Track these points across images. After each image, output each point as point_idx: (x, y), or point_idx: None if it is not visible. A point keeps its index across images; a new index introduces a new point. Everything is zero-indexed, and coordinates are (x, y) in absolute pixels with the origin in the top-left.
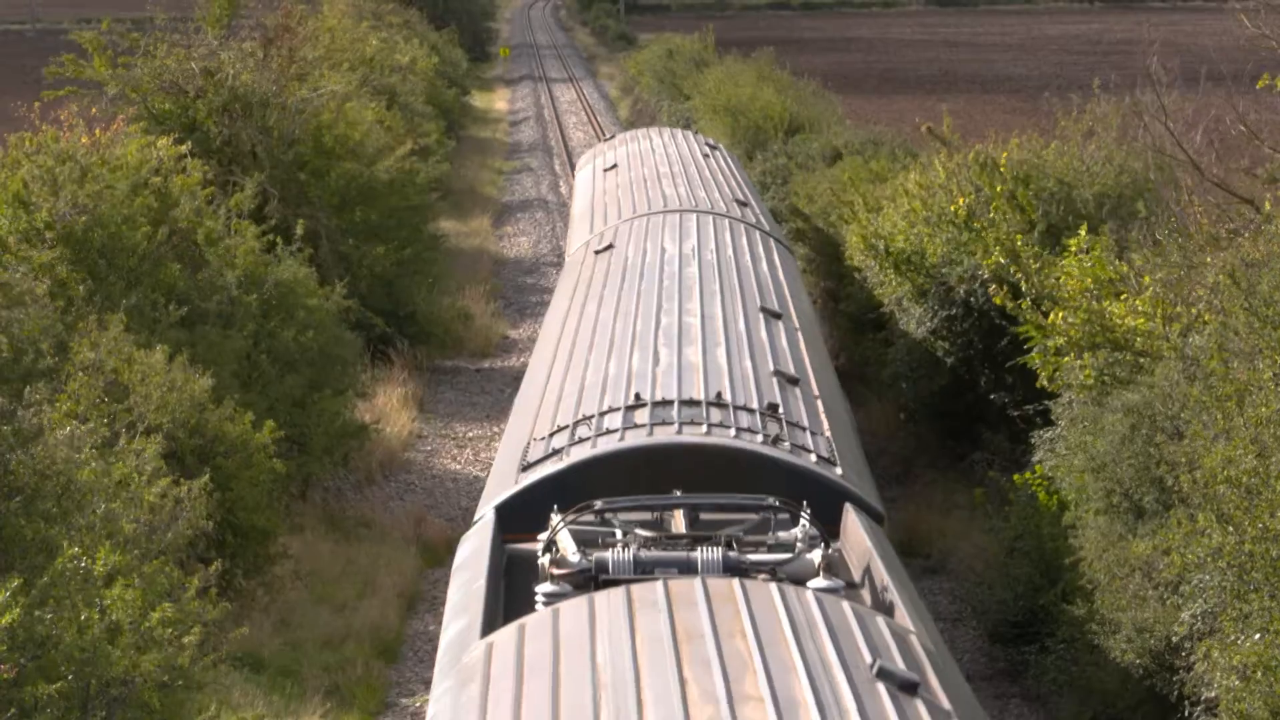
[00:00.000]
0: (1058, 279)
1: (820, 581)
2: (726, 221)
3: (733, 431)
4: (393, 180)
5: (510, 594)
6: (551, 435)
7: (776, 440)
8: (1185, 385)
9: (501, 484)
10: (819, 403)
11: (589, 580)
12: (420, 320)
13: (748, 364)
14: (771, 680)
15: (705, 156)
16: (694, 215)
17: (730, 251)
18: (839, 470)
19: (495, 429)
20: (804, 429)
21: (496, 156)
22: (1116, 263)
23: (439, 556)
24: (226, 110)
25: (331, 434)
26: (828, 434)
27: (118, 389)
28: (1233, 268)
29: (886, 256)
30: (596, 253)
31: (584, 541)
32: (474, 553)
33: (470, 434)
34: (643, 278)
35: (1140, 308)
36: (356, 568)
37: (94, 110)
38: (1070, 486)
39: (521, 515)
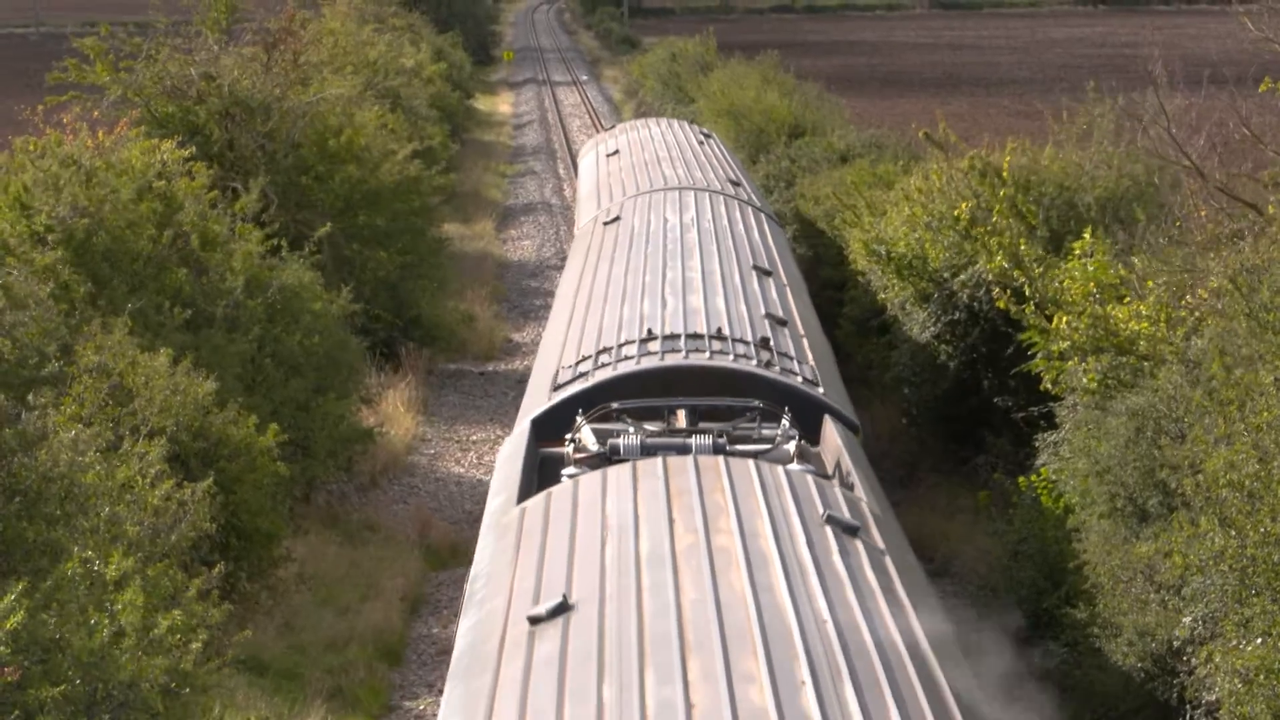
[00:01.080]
0: (1061, 283)
1: (794, 466)
2: (721, 198)
3: (731, 357)
4: (397, 184)
5: (542, 482)
6: (577, 363)
7: (768, 364)
8: (1188, 389)
9: (535, 401)
10: (804, 340)
11: (605, 461)
12: (424, 324)
13: (743, 308)
14: (740, 521)
15: (700, 143)
16: (692, 192)
17: (725, 221)
18: (820, 389)
19: (499, 432)
20: (791, 358)
21: (500, 160)
22: (1119, 267)
23: (443, 559)
24: (228, 115)
25: (335, 438)
26: (811, 363)
27: (122, 392)
28: (1234, 273)
29: (889, 261)
30: (605, 224)
31: (602, 438)
32: (512, 452)
33: (474, 437)
34: (649, 242)
35: (1143, 312)
36: (360, 571)
37: (96, 114)
38: (1074, 490)
39: (553, 426)
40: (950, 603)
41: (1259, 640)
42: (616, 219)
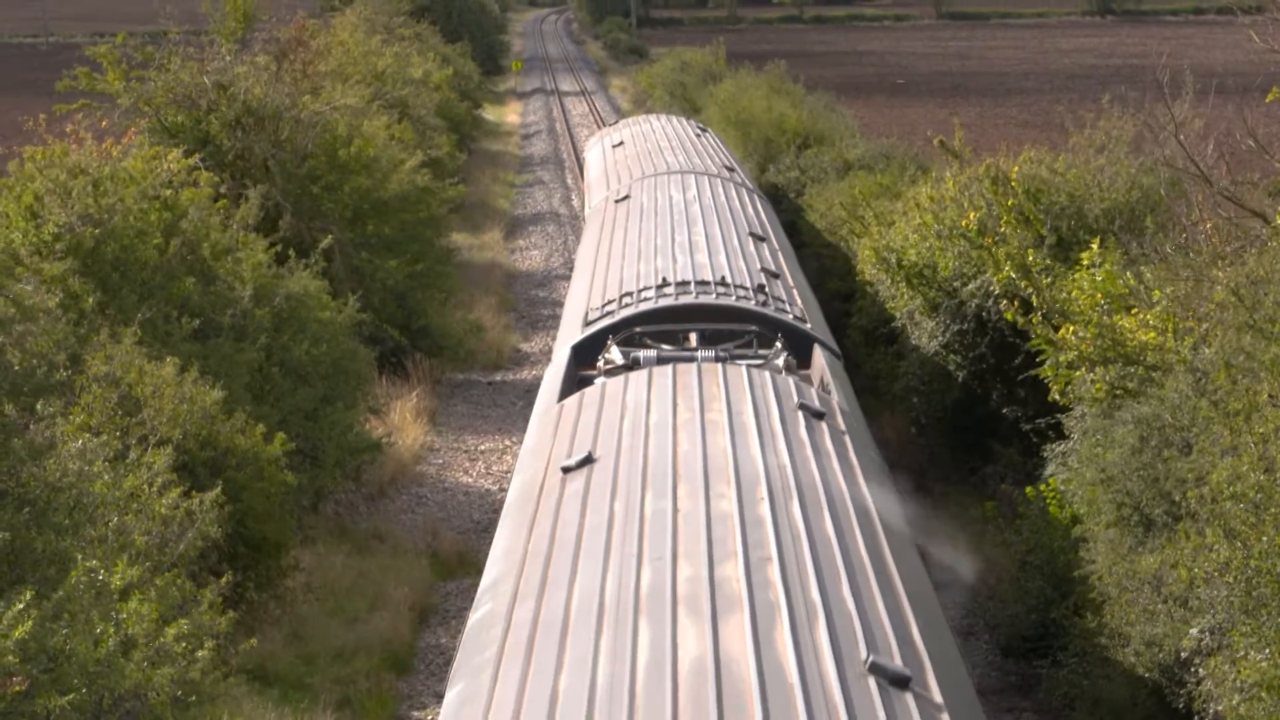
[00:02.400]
0: (1068, 293)
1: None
2: (719, 180)
3: (733, 297)
4: (406, 194)
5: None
6: (604, 305)
7: (764, 303)
8: (1194, 399)
9: (570, 334)
10: (793, 289)
11: (628, 371)
12: (432, 333)
13: (741, 264)
14: (730, 404)
15: (697, 136)
16: (693, 175)
17: (724, 198)
18: (809, 325)
19: (508, 442)
20: (783, 301)
21: (508, 170)
22: (1127, 276)
23: (451, 569)
24: (239, 123)
25: (344, 447)
26: (800, 305)
27: (130, 402)
28: (1236, 284)
29: (898, 270)
30: (616, 202)
31: (627, 355)
32: (554, 371)
33: (482, 447)
34: (657, 214)
35: (1150, 322)
36: (368, 580)
37: (104, 122)
38: (1081, 500)
39: (588, 353)
40: (954, 612)
41: (1265, 652)
42: (627, 197)
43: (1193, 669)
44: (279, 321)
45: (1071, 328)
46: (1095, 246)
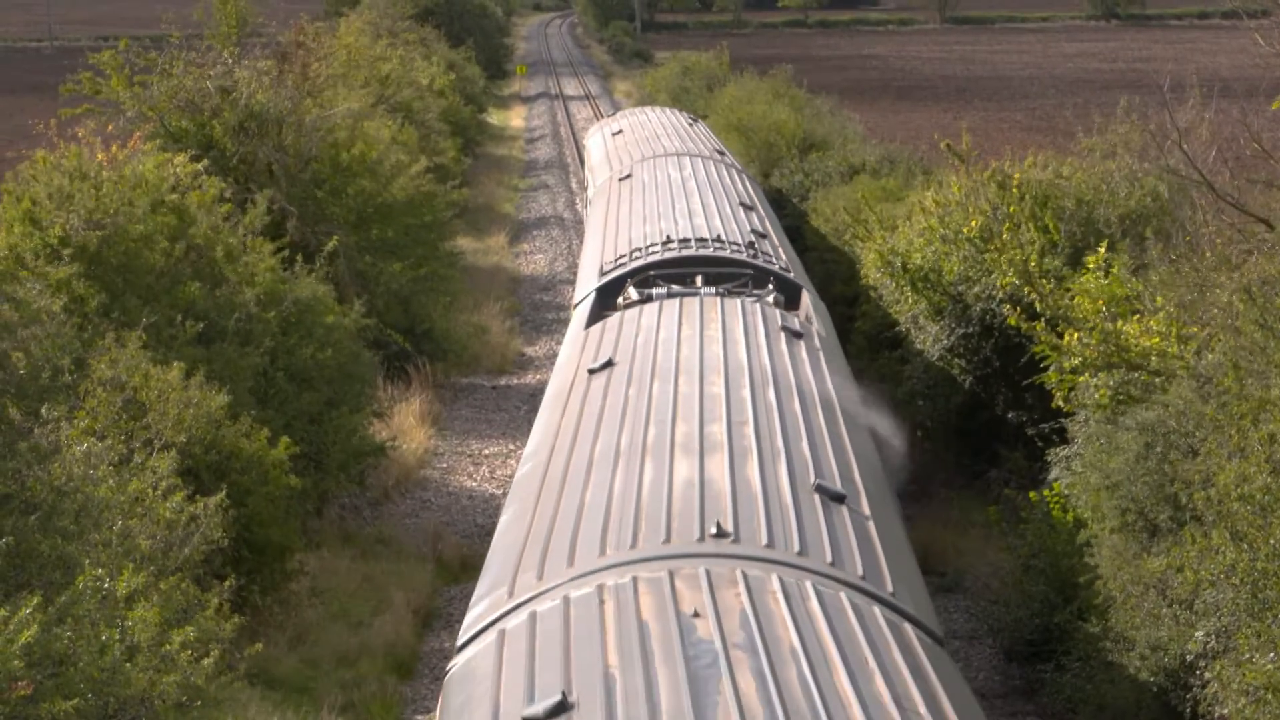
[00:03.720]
0: (1072, 299)
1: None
2: (711, 161)
3: (729, 251)
4: (410, 198)
5: None
6: (617, 259)
7: (755, 256)
8: (1199, 403)
9: (589, 282)
10: (780, 248)
11: (643, 303)
12: (437, 337)
13: (734, 226)
14: (725, 325)
15: (690, 125)
16: (687, 157)
17: (716, 176)
18: (793, 274)
19: (512, 446)
20: (770, 255)
21: (513, 174)
22: (1131, 281)
23: (455, 574)
24: (243, 128)
25: (348, 451)
26: (785, 260)
27: (135, 406)
28: (1248, 284)
29: (903, 274)
30: (620, 180)
31: (643, 293)
32: (581, 308)
33: (486, 451)
34: (658, 188)
35: (1155, 327)
36: (372, 585)
37: (110, 127)
38: (1085, 504)
39: (606, 298)
40: (958, 616)
41: (1271, 655)
42: (629, 175)
43: (1198, 672)
44: (285, 326)
45: (1075, 333)
46: (1102, 251)
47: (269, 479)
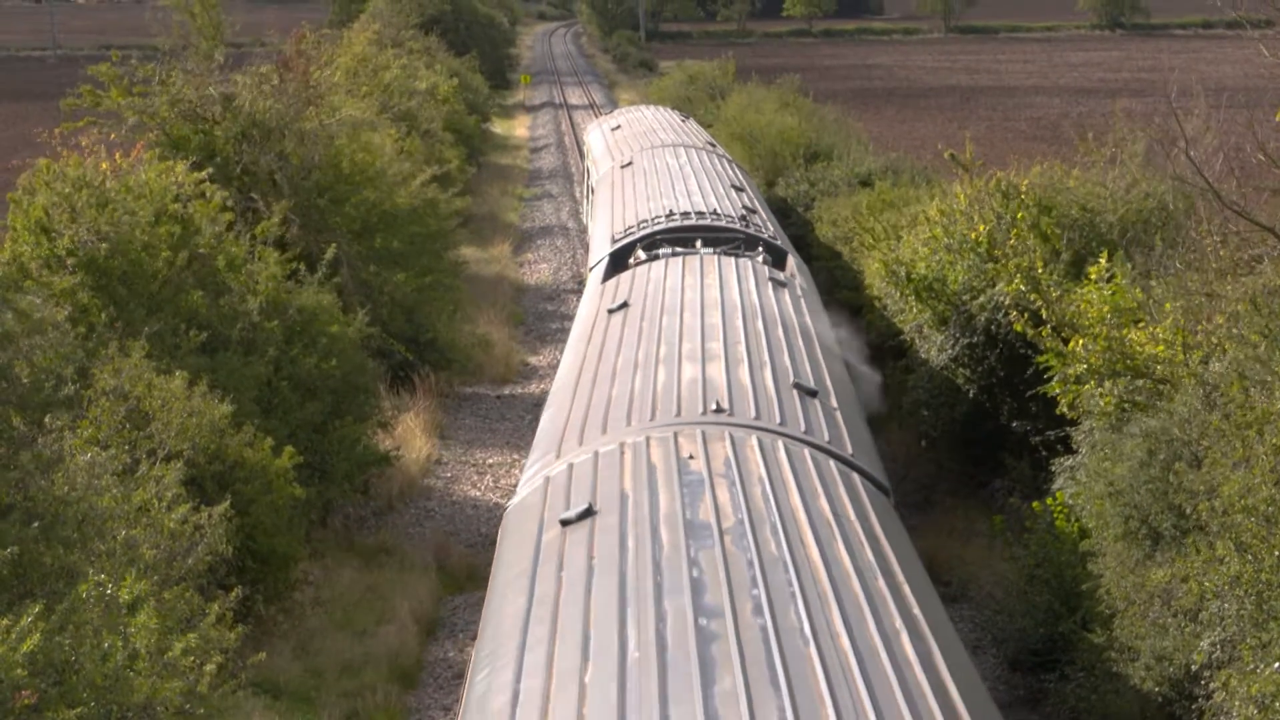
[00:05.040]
0: (1078, 306)
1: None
2: (703, 151)
3: (724, 222)
4: (414, 207)
5: None
6: (626, 230)
7: (747, 226)
8: (1205, 412)
9: (602, 249)
10: (768, 221)
11: (652, 261)
12: (441, 347)
13: (728, 203)
14: (721, 273)
15: (682, 121)
16: (682, 148)
17: (709, 163)
18: (779, 241)
19: (516, 456)
20: (760, 227)
21: (517, 183)
22: (1135, 291)
23: (459, 583)
24: (245, 136)
25: (352, 461)
26: (773, 230)
27: (139, 416)
28: (1253, 294)
29: (908, 283)
30: (622, 168)
31: (650, 254)
32: (597, 266)
33: (490, 460)
34: (658, 173)
35: (1160, 335)
36: (376, 594)
37: (112, 136)
38: (1090, 513)
39: (618, 261)
40: (962, 626)
41: (1275, 665)
42: (630, 163)
43: (1203, 682)
44: (289, 335)
45: (1080, 341)
46: (1104, 260)
47: (273, 489)
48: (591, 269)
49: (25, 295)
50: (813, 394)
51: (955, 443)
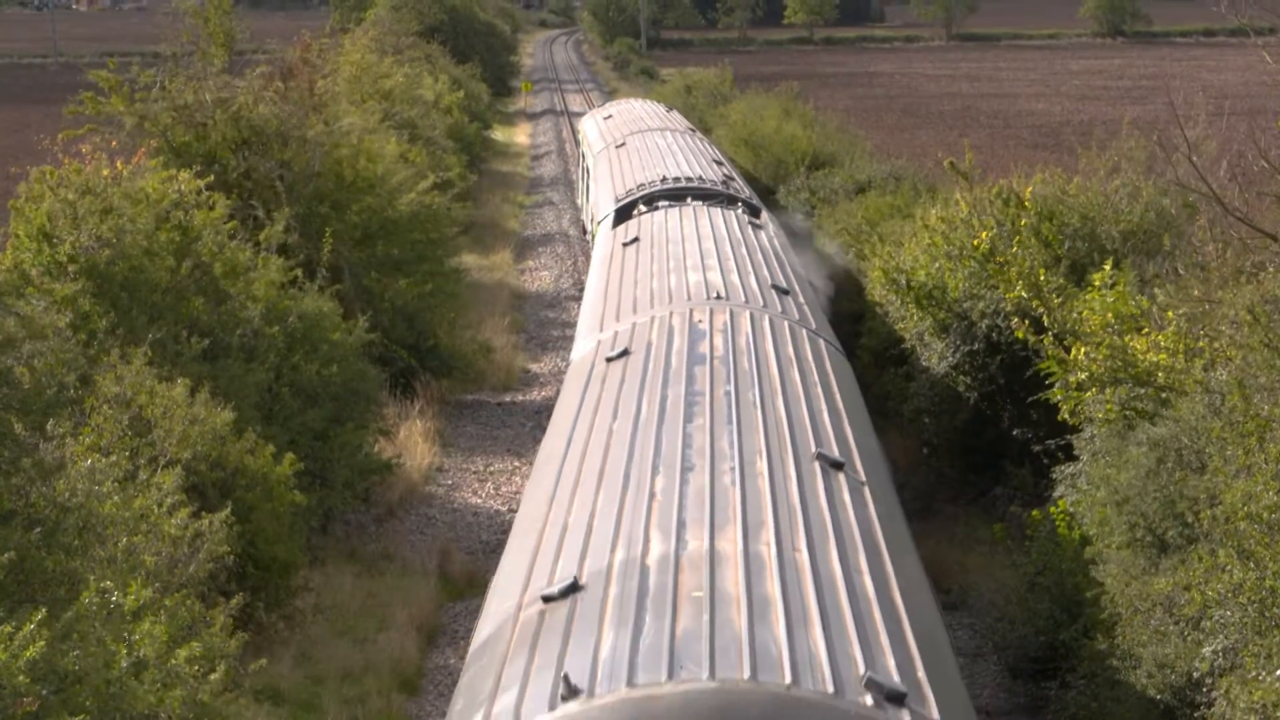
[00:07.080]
0: (1080, 314)
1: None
2: (687, 134)
3: (709, 185)
4: (415, 214)
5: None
6: (627, 191)
7: (729, 188)
8: (1209, 420)
9: (608, 206)
10: (745, 186)
11: (652, 211)
12: (442, 354)
13: (710, 172)
14: (712, 220)
15: (666, 112)
16: (668, 132)
17: (693, 142)
18: (756, 201)
19: (517, 463)
20: (739, 188)
21: (518, 191)
22: (1139, 298)
23: (460, 590)
24: (245, 143)
25: (353, 468)
26: (749, 192)
27: (140, 422)
28: (1253, 303)
29: (908, 291)
30: (616, 148)
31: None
32: (605, 220)
33: (492, 468)
34: (649, 151)
35: (1162, 343)
36: (377, 601)
37: (114, 143)
38: (1092, 521)
39: (621, 217)
40: (963, 633)
41: (1278, 673)
42: (623, 144)
43: (1205, 690)
44: (291, 342)
45: (1083, 348)
46: (1108, 268)
47: (274, 495)
48: (600, 223)
49: (27, 301)
50: (786, 292)
51: (956, 450)
